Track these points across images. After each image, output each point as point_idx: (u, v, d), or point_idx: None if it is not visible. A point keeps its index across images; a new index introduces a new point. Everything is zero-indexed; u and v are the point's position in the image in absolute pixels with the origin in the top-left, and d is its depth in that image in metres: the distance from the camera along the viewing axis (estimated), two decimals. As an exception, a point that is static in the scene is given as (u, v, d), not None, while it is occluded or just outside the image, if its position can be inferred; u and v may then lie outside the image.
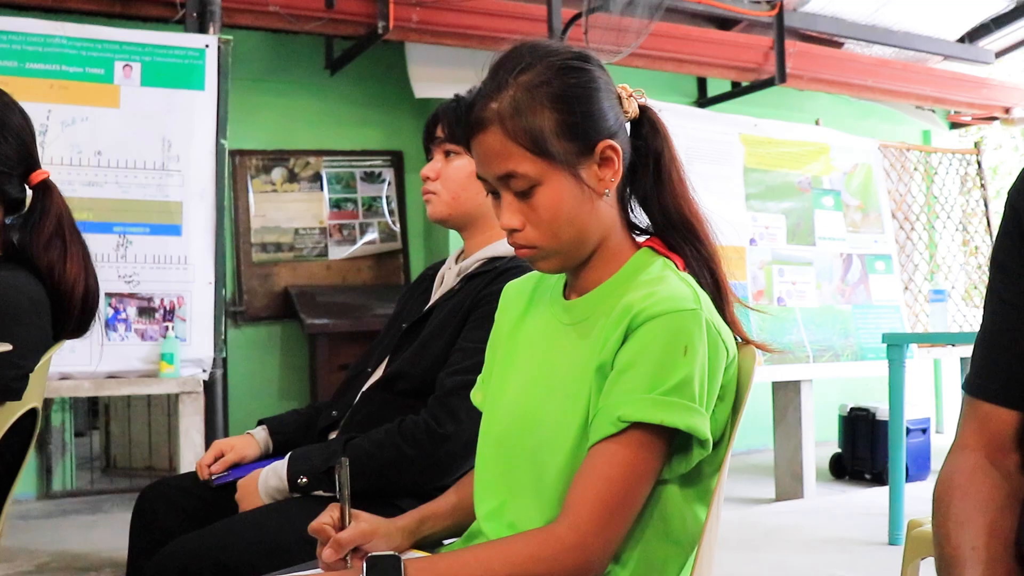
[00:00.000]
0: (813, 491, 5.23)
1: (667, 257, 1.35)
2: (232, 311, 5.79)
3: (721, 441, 1.30)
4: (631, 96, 1.37)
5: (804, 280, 5.33)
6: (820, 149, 5.56)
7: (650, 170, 1.37)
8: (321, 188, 6.13)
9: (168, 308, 3.89)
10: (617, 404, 1.21)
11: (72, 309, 1.78)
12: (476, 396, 1.52)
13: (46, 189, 1.81)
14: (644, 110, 1.38)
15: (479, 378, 1.53)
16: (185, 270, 3.93)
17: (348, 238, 6.17)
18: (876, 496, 4.74)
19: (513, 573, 1.16)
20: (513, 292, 1.52)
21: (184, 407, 3.88)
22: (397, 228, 6.28)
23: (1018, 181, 1.17)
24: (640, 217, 1.41)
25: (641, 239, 1.40)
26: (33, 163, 1.81)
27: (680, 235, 1.37)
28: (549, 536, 1.18)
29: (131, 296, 3.84)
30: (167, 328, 3.85)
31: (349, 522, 1.30)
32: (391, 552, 1.17)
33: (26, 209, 1.82)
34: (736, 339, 1.34)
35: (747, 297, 5.07)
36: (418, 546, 1.44)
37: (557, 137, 1.26)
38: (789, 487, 5.27)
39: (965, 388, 1.20)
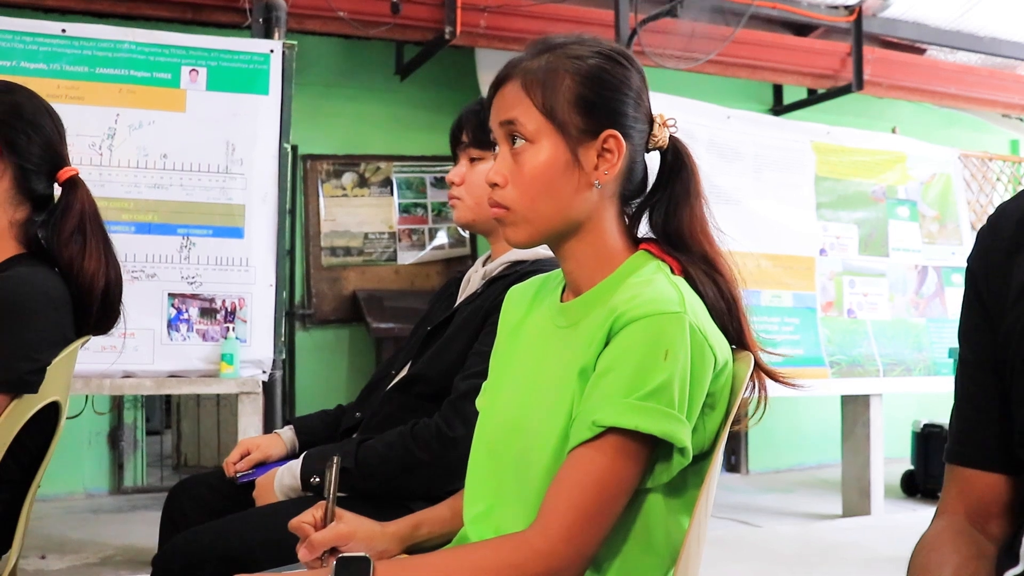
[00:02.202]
0: (881, 508, 5.09)
1: (663, 260, 1.32)
2: (301, 314, 5.88)
3: (710, 451, 1.26)
4: (664, 125, 1.36)
5: (876, 292, 5.19)
6: (896, 158, 5.41)
7: (669, 201, 1.35)
8: (391, 193, 6.19)
9: (229, 309, 3.95)
10: (594, 408, 1.18)
11: (92, 305, 1.81)
12: (480, 402, 1.51)
13: (72, 186, 1.85)
14: (674, 141, 1.37)
15: (484, 384, 1.52)
16: (247, 272, 3.99)
17: (417, 243, 6.21)
18: (946, 516, 4.58)
19: None
20: (515, 296, 1.51)
21: (243, 407, 3.95)
22: (466, 233, 6.29)
23: (973, 249, 1.19)
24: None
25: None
26: (61, 161, 1.86)
27: (698, 266, 1.33)
28: (521, 542, 1.16)
29: (193, 297, 3.92)
30: (228, 329, 3.92)
31: (331, 521, 1.30)
32: (362, 554, 1.16)
33: (53, 205, 1.87)
34: (732, 347, 1.30)
35: (815, 309, 4.96)
36: (414, 551, 1.43)
37: (570, 105, 1.28)
38: (856, 503, 5.14)
39: (945, 457, 1.20)
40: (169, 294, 3.89)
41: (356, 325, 6.00)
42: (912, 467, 5.84)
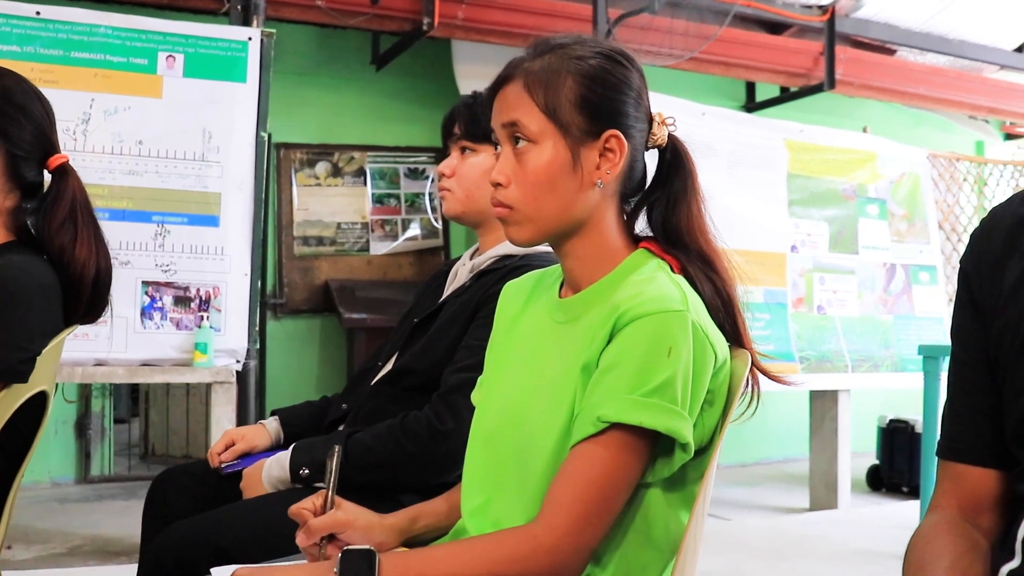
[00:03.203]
0: (847, 502, 5.17)
1: (662, 259, 1.33)
2: (272, 303, 5.85)
3: (709, 446, 1.28)
4: (663, 123, 1.37)
5: (845, 289, 5.25)
6: (866, 157, 5.47)
7: (668, 198, 1.37)
8: (364, 183, 6.17)
9: (204, 298, 3.93)
10: (598, 404, 1.20)
11: (82, 294, 1.79)
12: (475, 396, 1.51)
13: (63, 174, 1.82)
14: (673, 139, 1.39)
15: (480, 378, 1.52)
16: (222, 261, 3.96)
17: (390, 234, 6.20)
18: (911, 510, 4.68)
19: (487, 571, 1.15)
20: (512, 291, 1.52)
21: (216, 397, 3.93)
22: (439, 225, 6.30)
23: (967, 251, 1.22)
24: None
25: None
26: (52, 148, 1.83)
27: (696, 264, 1.35)
28: (525, 535, 1.18)
29: (167, 285, 3.89)
30: (202, 318, 3.89)
31: (330, 509, 1.31)
32: (367, 547, 1.17)
33: (44, 193, 1.84)
34: (729, 344, 1.32)
35: (786, 304, 5.02)
36: (411, 544, 1.44)
37: (572, 106, 1.29)
38: (823, 497, 5.21)
39: (937, 453, 1.22)
40: (143, 282, 3.86)
41: (328, 315, 5.98)
42: (877, 462, 5.93)
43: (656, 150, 1.39)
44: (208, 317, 3.89)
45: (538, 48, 1.33)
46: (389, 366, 2.02)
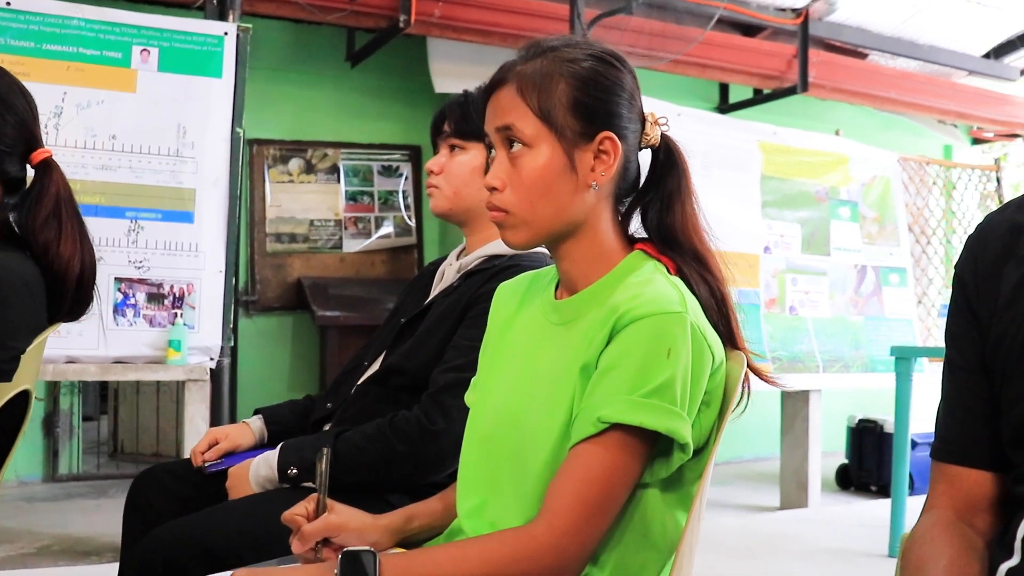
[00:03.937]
0: (818, 501, 5.22)
1: (659, 260, 1.34)
2: (244, 300, 5.81)
3: (705, 447, 1.29)
4: (656, 123, 1.38)
5: (817, 290, 5.30)
6: (839, 160, 5.52)
7: (662, 198, 1.37)
8: (338, 180, 6.14)
9: (177, 295, 3.89)
10: (598, 405, 1.20)
11: (66, 291, 1.77)
12: (470, 397, 1.51)
13: (47, 168, 1.79)
14: (666, 139, 1.39)
15: (473, 380, 1.52)
16: (196, 257, 3.93)
17: (363, 231, 6.17)
18: (880, 508, 4.72)
19: (488, 572, 1.15)
20: (506, 292, 1.52)
21: (190, 395, 3.89)
22: (413, 223, 6.28)
23: (962, 256, 1.23)
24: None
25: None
26: (34, 143, 1.80)
27: (691, 266, 1.36)
28: (525, 536, 1.17)
29: (141, 282, 3.85)
30: (176, 315, 3.86)
31: (323, 513, 1.30)
32: (368, 548, 1.16)
33: (26, 188, 1.81)
34: (724, 345, 1.33)
35: (759, 305, 5.05)
36: (405, 544, 1.44)
37: (566, 109, 1.29)
38: (794, 496, 5.25)
39: (932, 455, 1.24)
40: (116, 278, 3.81)
41: (300, 312, 5.94)
42: (847, 461, 5.98)
43: (649, 150, 1.39)
44: (182, 314, 3.86)
45: (530, 51, 1.33)
46: (376, 366, 2.01)
